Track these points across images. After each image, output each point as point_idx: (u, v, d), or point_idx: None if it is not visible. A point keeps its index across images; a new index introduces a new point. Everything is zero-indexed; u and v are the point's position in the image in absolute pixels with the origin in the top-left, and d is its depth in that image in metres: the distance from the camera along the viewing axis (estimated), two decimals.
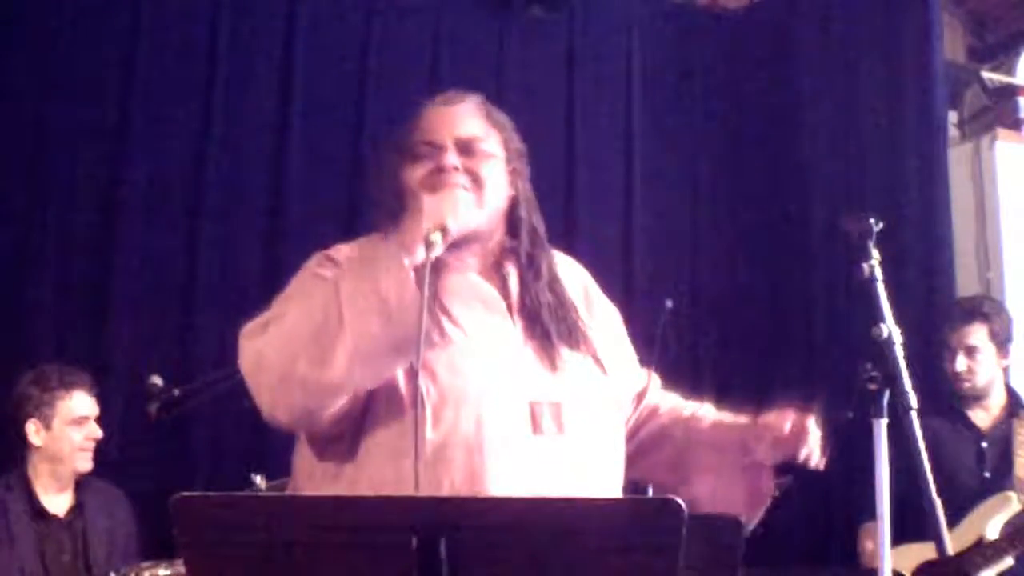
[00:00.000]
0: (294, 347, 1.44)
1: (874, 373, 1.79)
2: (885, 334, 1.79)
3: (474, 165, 1.60)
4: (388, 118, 4.01)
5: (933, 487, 1.79)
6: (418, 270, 1.43)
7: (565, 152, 4.19)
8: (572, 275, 1.73)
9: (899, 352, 1.79)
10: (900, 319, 1.83)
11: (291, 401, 1.45)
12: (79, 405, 2.96)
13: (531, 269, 1.63)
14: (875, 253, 1.85)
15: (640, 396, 1.77)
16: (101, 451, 3.10)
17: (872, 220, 1.85)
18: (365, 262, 1.49)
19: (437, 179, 1.58)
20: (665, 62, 4.52)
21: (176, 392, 2.93)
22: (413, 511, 1.16)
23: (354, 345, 1.41)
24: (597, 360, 1.61)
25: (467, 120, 1.64)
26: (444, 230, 1.47)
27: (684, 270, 4.36)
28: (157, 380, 2.93)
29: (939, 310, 3.55)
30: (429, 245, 1.45)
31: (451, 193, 1.53)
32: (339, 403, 1.45)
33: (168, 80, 3.74)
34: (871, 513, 1.81)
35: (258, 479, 2.90)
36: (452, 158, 1.59)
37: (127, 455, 3.42)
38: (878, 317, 1.81)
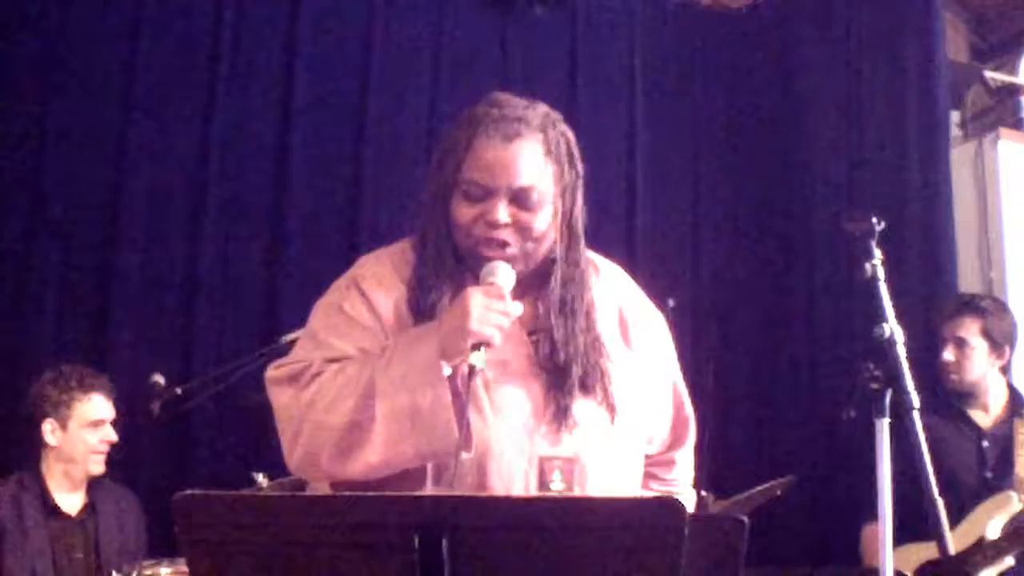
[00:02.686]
0: (321, 437, 1.46)
1: (876, 373, 1.79)
2: (887, 334, 1.80)
3: (526, 217, 1.55)
4: (390, 117, 4.01)
5: (935, 487, 1.79)
6: (454, 377, 1.44)
7: None
8: (610, 296, 1.67)
9: (901, 352, 1.79)
10: (902, 319, 1.83)
11: (313, 477, 1.52)
12: (96, 408, 2.97)
13: (563, 310, 1.58)
14: (877, 253, 1.85)
15: (663, 459, 1.71)
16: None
17: (874, 220, 1.85)
18: (402, 358, 1.46)
19: (483, 233, 1.54)
20: (667, 61, 4.52)
21: (178, 391, 2.95)
22: (415, 510, 1.16)
23: (381, 451, 1.43)
24: (613, 408, 1.56)
25: (525, 166, 1.55)
26: (488, 345, 1.44)
27: (685, 269, 4.36)
28: (159, 379, 2.95)
29: (940, 308, 3.55)
30: (472, 371, 1.42)
31: (499, 291, 1.48)
32: None
33: (170, 80, 3.74)
34: (873, 513, 1.81)
35: (260, 477, 2.90)
36: (503, 213, 1.54)
37: (129, 454, 3.43)
38: (880, 317, 1.81)
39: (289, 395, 1.51)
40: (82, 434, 2.95)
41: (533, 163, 1.55)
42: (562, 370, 1.54)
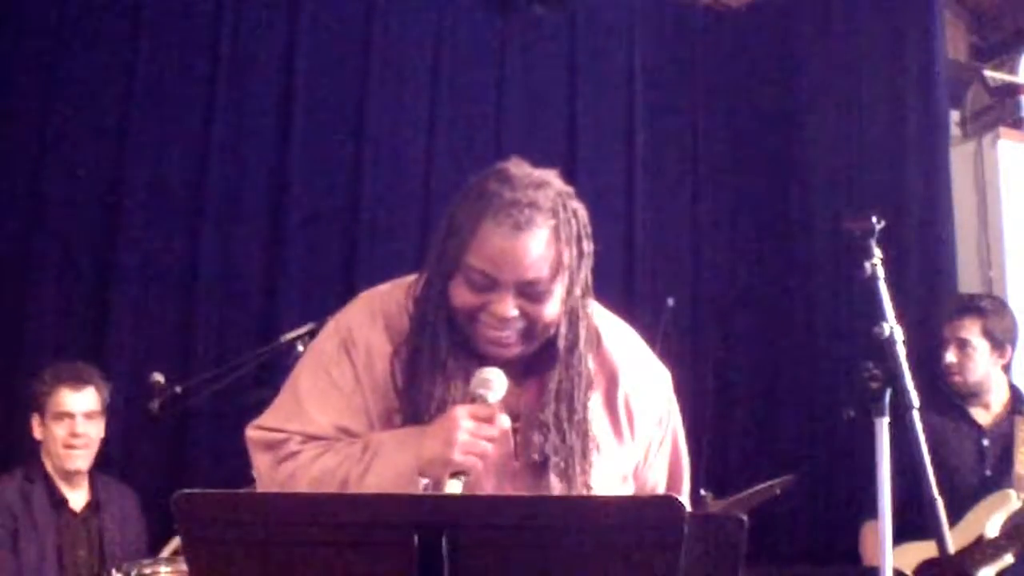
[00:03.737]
0: None
1: (876, 372, 1.79)
2: (887, 333, 1.80)
3: (534, 310, 1.48)
4: (389, 117, 4.01)
5: (934, 485, 1.79)
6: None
7: (566, 151, 4.19)
8: (608, 378, 1.58)
9: (901, 351, 1.79)
10: (902, 318, 1.83)
11: None
12: (61, 401, 2.96)
13: (563, 414, 1.50)
14: (877, 252, 1.85)
15: None
16: (103, 449, 3.11)
17: (874, 219, 1.85)
18: (379, 468, 1.42)
19: (487, 326, 1.47)
20: (666, 61, 4.52)
21: (177, 389, 2.94)
22: (415, 509, 1.16)
23: None
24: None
25: (535, 258, 1.46)
26: (467, 474, 1.39)
27: (685, 269, 4.36)
28: (159, 378, 2.94)
29: (941, 309, 3.55)
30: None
31: (489, 411, 1.42)
32: None
33: (170, 80, 3.74)
34: (872, 511, 1.81)
35: None
36: (511, 308, 1.46)
37: (129, 453, 3.43)
38: (880, 316, 1.81)
39: (267, 463, 1.51)
40: (53, 428, 2.95)
41: (543, 254, 1.47)
42: (542, 465, 1.49)
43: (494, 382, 1.45)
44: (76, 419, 2.96)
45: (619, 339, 1.63)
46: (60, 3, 3.62)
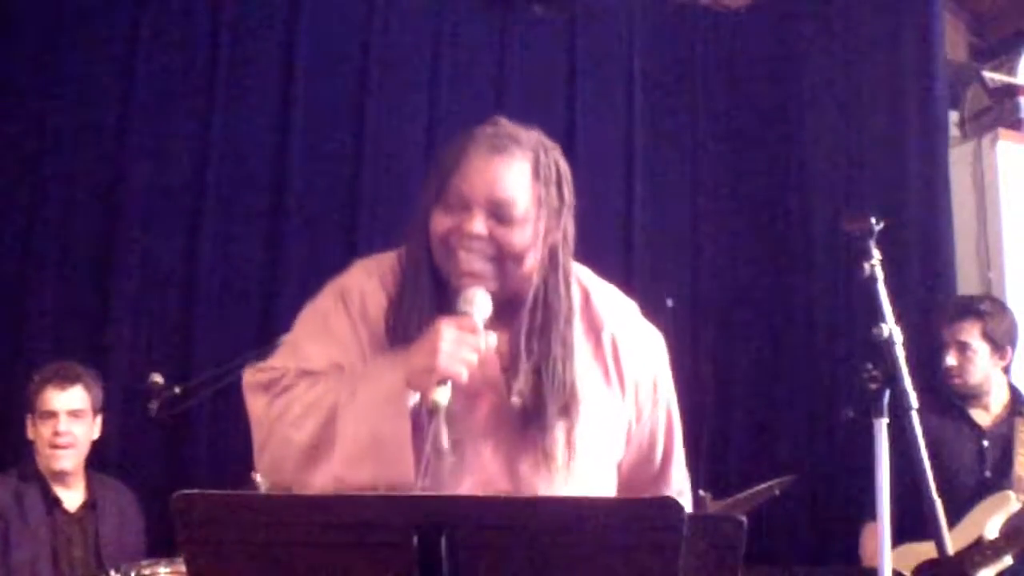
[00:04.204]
0: (286, 450, 1.48)
1: (874, 372, 1.79)
2: (885, 334, 1.80)
3: (503, 234, 1.50)
4: (389, 117, 4.01)
5: (933, 486, 1.79)
6: (419, 409, 1.43)
7: (565, 151, 4.17)
8: (599, 324, 1.60)
9: (899, 352, 1.79)
10: (900, 319, 1.83)
11: (277, 481, 1.54)
12: (47, 399, 2.96)
13: (542, 351, 1.52)
14: (876, 253, 1.85)
15: None
16: (101, 450, 3.11)
17: (873, 220, 1.86)
18: (368, 385, 1.45)
19: (460, 244, 1.49)
20: (666, 61, 4.52)
21: (177, 390, 2.94)
22: (414, 509, 1.16)
23: (339, 472, 1.44)
24: (572, 450, 1.51)
25: (508, 179, 1.51)
26: (456, 380, 1.41)
27: (685, 270, 4.36)
28: (158, 378, 2.94)
29: (939, 310, 3.55)
30: (436, 410, 1.40)
31: (470, 323, 1.44)
32: None
33: (169, 79, 3.74)
34: (872, 512, 1.81)
35: (259, 477, 2.89)
36: (479, 225, 1.49)
37: (128, 453, 3.43)
38: (878, 317, 1.81)
39: (262, 404, 1.53)
40: (40, 427, 2.95)
41: (517, 179, 1.51)
42: (529, 413, 1.50)
43: (477, 297, 1.48)
44: (60, 417, 2.94)
45: (609, 297, 1.66)
46: (59, 1, 3.62)
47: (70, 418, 2.96)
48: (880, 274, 1.84)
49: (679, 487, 1.71)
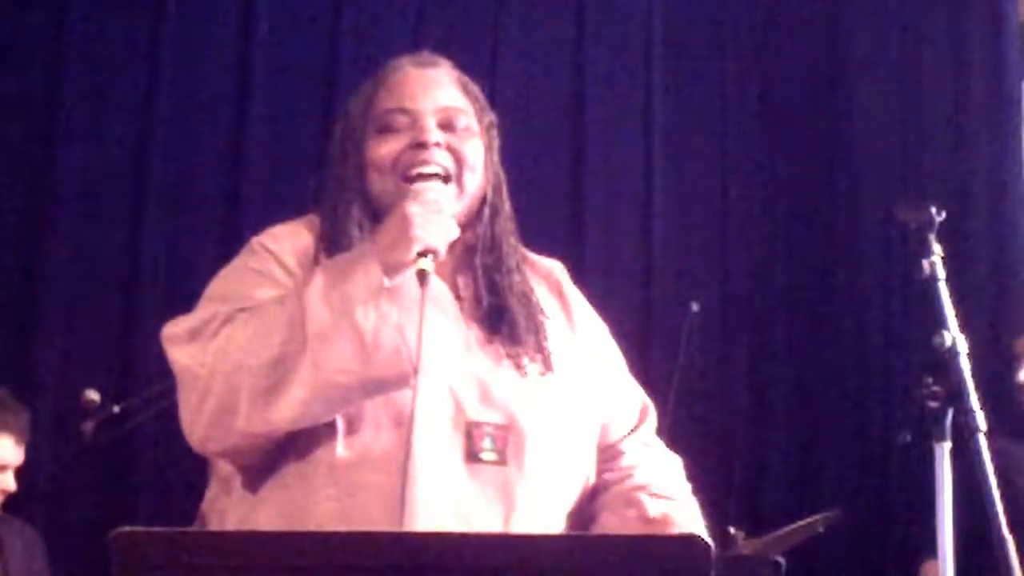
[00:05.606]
0: (238, 381, 1.44)
1: (936, 388, 1.79)
2: (948, 343, 1.80)
3: (457, 142, 1.62)
4: None
5: (1004, 521, 1.79)
6: (398, 291, 1.46)
7: (572, 128, 4.19)
8: (545, 276, 1.73)
9: (965, 364, 1.80)
10: (966, 326, 1.83)
11: (228, 438, 1.47)
12: (1, 451, 2.93)
13: (495, 263, 1.63)
14: (937, 248, 1.85)
15: (610, 452, 1.70)
16: (28, 478, 3.11)
17: (933, 209, 1.86)
18: (335, 279, 1.47)
19: (416, 157, 1.59)
20: (691, 22, 4.52)
21: (115, 409, 2.93)
22: (393, 549, 1.16)
23: (316, 382, 1.42)
24: (548, 363, 1.59)
25: (447, 89, 1.65)
26: (435, 254, 1.48)
27: (713, 268, 4.37)
28: (93, 395, 2.94)
29: (1012, 315, 3.55)
30: (423, 277, 1.46)
31: (437, 204, 1.53)
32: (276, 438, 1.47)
33: (107, 42, 3.74)
34: (932, 551, 1.81)
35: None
36: (435, 133, 1.60)
37: (59, 483, 3.43)
38: (940, 323, 1.81)
39: (192, 352, 1.51)
40: None
41: (454, 90, 1.66)
42: (497, 327, 1.58)
43: (432, 184, 1.57)
44: (8, 472, 2.94)
45: (538, 256, 1.78)
46: None
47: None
48: (942, 273, 1.84)
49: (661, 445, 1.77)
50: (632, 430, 1.73)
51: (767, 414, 4.24)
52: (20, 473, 3.06)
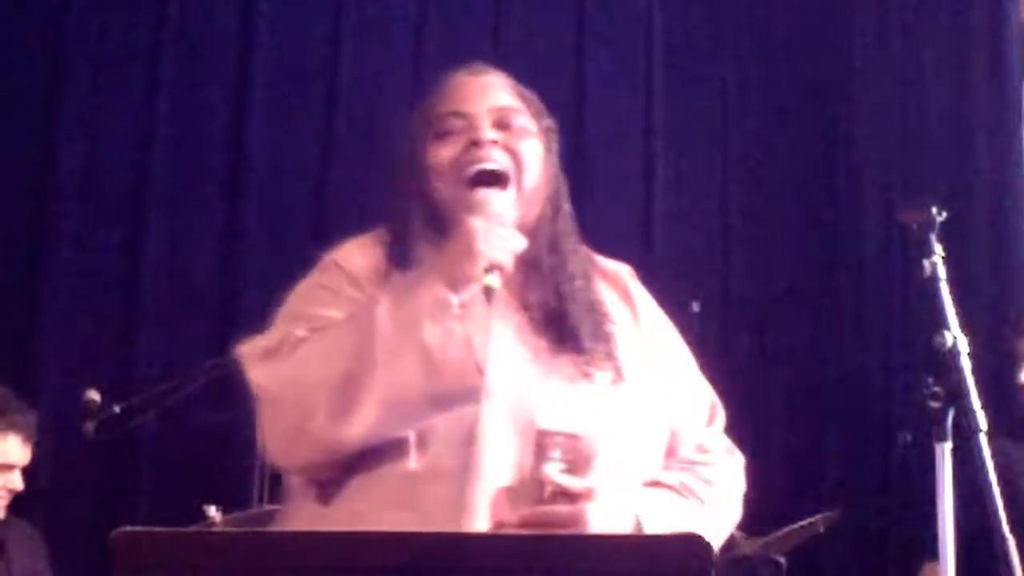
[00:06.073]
0: (315, 396, 1.48)
1: (937, 389, 1.79)
2: (949, 343, 1.80)
3: (512, 141, 1.65)
4: (366, 88, 4.01)
5: (1005, 521, 1.79)
6: (465, 307, 1.49)
7: (572, 125, 4.18)
8: (613, 280, 1.75)
9: (966, 364, 1.80)
10: (967, 326, 1.83)
11: (305, 453, 1.52)
12: (8, 451, 2.94)
13: (559, 269, 1.64)
14: (938, 248, 1.85)
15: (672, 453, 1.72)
16: (29, 478, 3.11)
17: (934, 209, 1.86)
18: (402, 297, 1.50)
19: (473, 155, 1.61)
20: (691, 20, 4.52)
21: (116, 409, 2.94)
22: (400, 550, 1.16)
23: (386, 399, 1.45)
24: (619, 371, 1.60)
25: (501, 91, 1.70)
26: (501, 268, 1.50)
27: (713, 268, 4.36)
28: (94, 395, 2.94)
29: (1013, 314, 3.55)
30: (489, 293, 1.48)
31: (501, 217, 1.55)
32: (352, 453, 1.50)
33: (107, 42, 3.74)
34: (933, 552, 1.81)
35: (212, 511, 2.90)
36: (490, 132, 1.63)
37: (59, 482, 3.43)
38: (941, 323, 1.81)
39: (267, 371, 1.55)
40: None
41: (508, 91, 1.70)
42: (558, 326, 1.59)
43: (494, 196, 1.58)
44: (15, 471, 2.95)
45: (604, 259, 1.80)
46: None
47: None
48: (943, 273, 1.84)
49: (727, 443, 1.81)
50: (699, 431, 1.76)
51: (767, 414, 4.24)
52: (22, 473, 3.06)
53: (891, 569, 3.73)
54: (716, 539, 1.71)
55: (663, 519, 1.58)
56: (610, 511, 1.51)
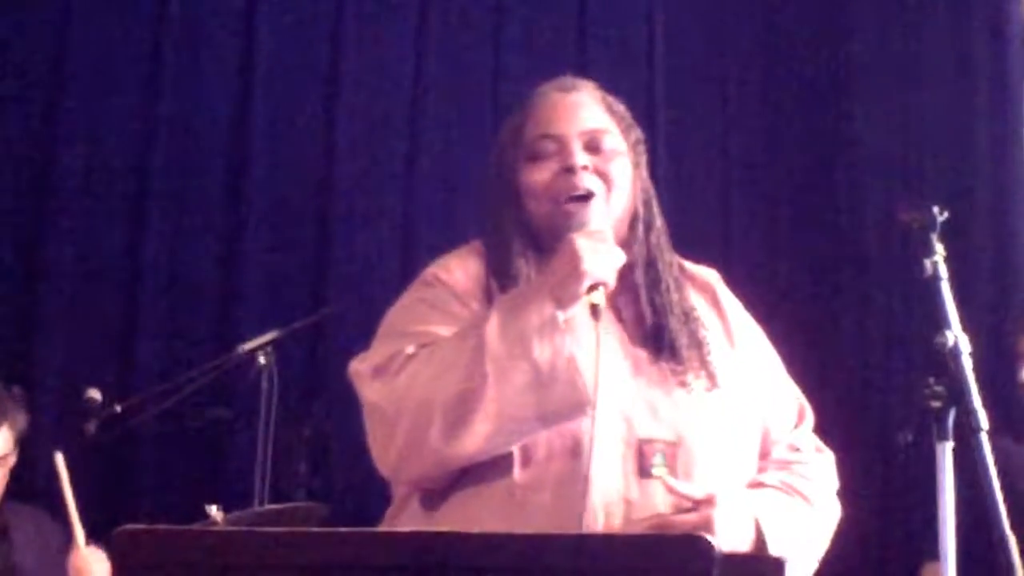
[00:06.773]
0: (428, 412, 1.52)
1: (937, 388, 1.79)
2: (950, 342, 1.80)
3: (603, 164, 1.69)
4: (368, 85, 4.01)
5: (1006, 521, 1.79)
6: (570, 323, 1.52)
7: None
8: (702, 287, 1.81)
9: (967, 364, 1.80)
10: (968, 325, 1.83)
11: (418, 468, 1.57)
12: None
13: (654, 281, 1.69)
14: (939, 248, 1.85)
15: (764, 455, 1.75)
16: (26, 480, 3.11)
17: (935, 209, 1.86)
18: (510, 315, 1.53)
19: (567, 183, 1.66)
20: (692, 20, 4.52)
21: (117, 408, 2.94)
22: (399, 549, 1.16)
23: (498, 416, 1.49)
24: (713, 377, 1.64)
25: (590, 111, 1.74)
26: (605, 286, 1.54)
27: (713, 267, 4.36)
28: (95, 394, 2.94)
29: (1014, 314, 3.55)
30: (595, 311, 1.52)
31: (603, 234, 1.59)
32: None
33: (107, 42, 3.74)
34: (933, 551, 1.81)
35: (213, 510, 2.90)
36: (581, 157, 1.67)
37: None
38: (942, 323, 1.81)
39: (378, 388, 1.58)
40: None
41: (598, 111, 1.74)
42: (654, 336, 1.64)
43: (592, 213, 1.64)
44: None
45: (695, 265, 1.87)
46: None
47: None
48: (944, 273, 1.84)
49: (807, 452, 1.83)
50: (789, 433, 1.80)
51: None
52: (21, 472, 3.06)
53: (891, 568, 3.73)
54: (825, 534, 1.81)
55: (778, 519, 1.63)
56: (733, 515, 1.55)
